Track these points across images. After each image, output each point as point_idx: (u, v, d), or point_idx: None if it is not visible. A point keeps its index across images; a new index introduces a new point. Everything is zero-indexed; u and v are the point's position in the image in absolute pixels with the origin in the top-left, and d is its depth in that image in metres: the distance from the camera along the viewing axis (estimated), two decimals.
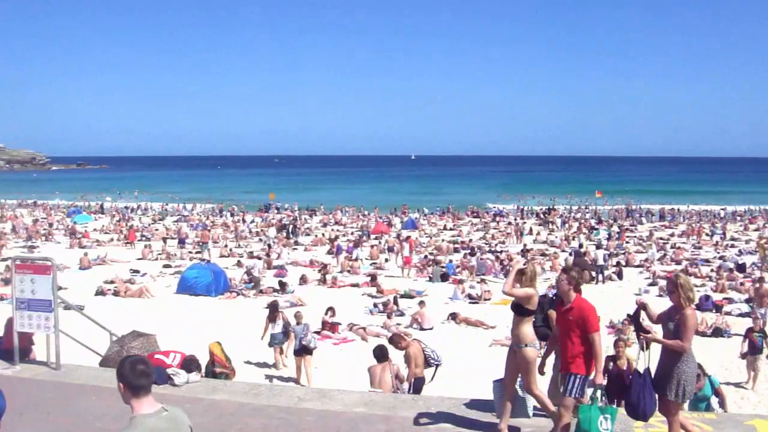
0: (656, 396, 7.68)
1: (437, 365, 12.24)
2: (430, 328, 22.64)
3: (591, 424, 7.52)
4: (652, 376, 7.77)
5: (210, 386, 10.71)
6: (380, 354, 12.10)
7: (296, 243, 47.41)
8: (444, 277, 32.43)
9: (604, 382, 7.87)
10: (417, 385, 11.85)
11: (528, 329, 8.49)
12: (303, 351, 16.87)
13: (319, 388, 11.07)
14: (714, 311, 25.15)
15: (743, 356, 16.98)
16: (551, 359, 8.99)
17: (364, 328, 22.29)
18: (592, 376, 7.85)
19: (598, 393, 7.82)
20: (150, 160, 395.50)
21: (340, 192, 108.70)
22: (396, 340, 12.47)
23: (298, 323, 17.68)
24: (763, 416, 10.27)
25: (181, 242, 43.76)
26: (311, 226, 58.93)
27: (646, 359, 7.80)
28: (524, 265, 9.04)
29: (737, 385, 16.80)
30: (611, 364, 10.99)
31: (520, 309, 8.58)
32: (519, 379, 8.61)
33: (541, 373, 8.74)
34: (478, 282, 30.55)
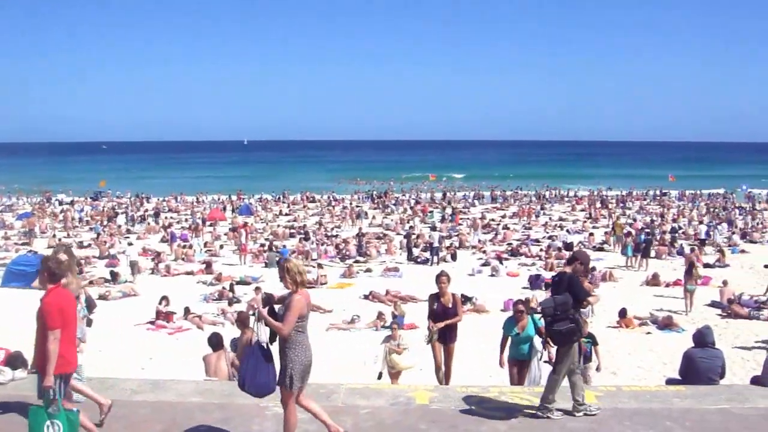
0: (272, 374, 7.47)
1: None
2: None
3: (35, 430, 6.88)
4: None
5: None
6: (215, 342, 12.02)
7: (128, 231, 46.23)
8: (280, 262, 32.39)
9: (54, 385, 7.27)
10: None
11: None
12: None
13: (153, 379, 10.87)
14: (544, 289, 26.30)
15: None
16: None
17: (199, 317, 22.04)
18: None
19: (54, 395, 6.95)
20: None
21: (173, 178, 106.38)
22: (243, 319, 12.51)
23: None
24: (591, 388, 10.84)
25: None
26: (142, 214, 57.45)
27: (261, 332, 7.49)
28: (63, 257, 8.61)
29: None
30: (436, 303, 11.19)
31: None
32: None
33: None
34: (314, 266, 30.71)
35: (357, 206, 60.37)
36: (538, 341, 11.38)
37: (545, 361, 11.65)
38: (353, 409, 8.93)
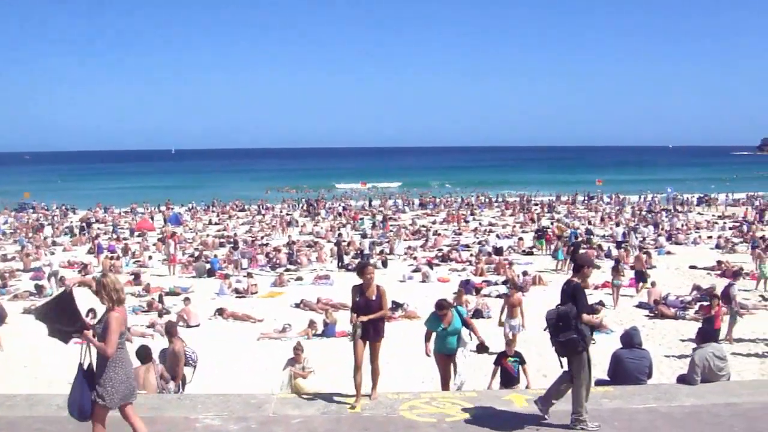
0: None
1: (194, 365, 12.20)
2: (197, 325, 22.38)
3: None
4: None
5: None
6: (144, 354, 11.91)
7: (54, 243, 45.24)
8: (210, 273, 32.10)
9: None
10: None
11: None
12: None
13: None
14: (474, 294, 26.47)
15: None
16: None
17: (128, 329, 21.60)
18: None
19: None
20: None
21: (99, 189, 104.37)
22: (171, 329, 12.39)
23: None
24: (519, 391, 10.95)
25: None
26: (72, 224, 56.16)
27: (87, 354, 7.41)
28: None
29: None
30: (359, 296, 10.73)
31: None
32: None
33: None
34: (244, 276, 30.46)
35: (287, 214, 60.16)
36: (465, 332, 11.34)
37: (473, 350, 11.60)
38: (284, 419, 8.87)
